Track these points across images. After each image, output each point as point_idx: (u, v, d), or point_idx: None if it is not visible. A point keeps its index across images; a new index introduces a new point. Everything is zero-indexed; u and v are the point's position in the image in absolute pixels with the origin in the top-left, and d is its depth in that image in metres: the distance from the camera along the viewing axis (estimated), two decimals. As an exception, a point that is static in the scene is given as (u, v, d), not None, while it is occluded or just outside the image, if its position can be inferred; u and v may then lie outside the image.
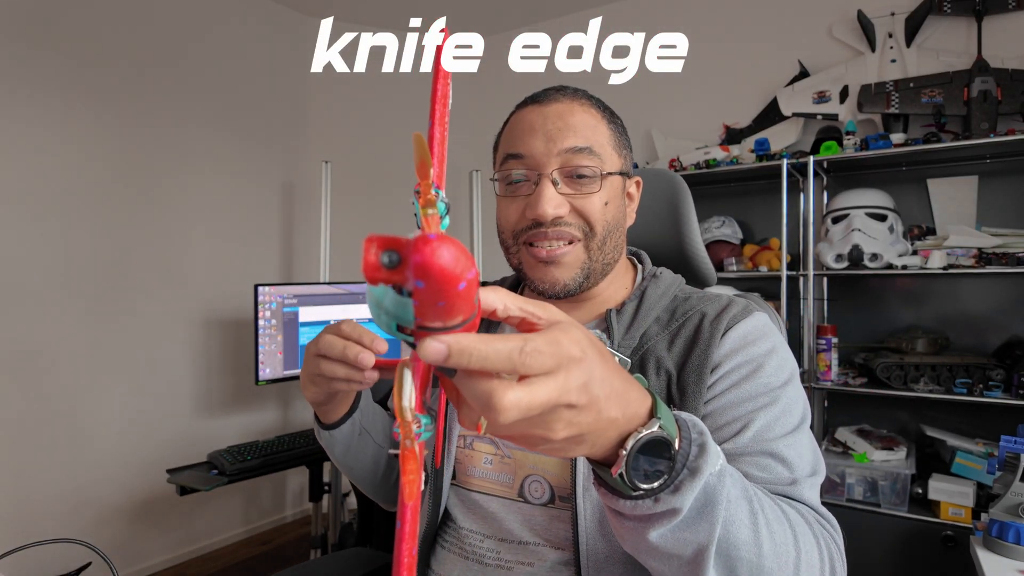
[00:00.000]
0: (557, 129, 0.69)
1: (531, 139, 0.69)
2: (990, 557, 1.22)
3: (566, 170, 0.68)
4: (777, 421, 0.61)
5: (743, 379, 0.64)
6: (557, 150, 0.68)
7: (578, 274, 0.70)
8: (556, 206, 0.67)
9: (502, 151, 0.73)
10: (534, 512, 0.67)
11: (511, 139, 0.72)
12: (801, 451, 0.61)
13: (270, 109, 2.85)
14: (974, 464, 1.78)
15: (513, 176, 0.71)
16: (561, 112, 0.70)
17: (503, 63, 3.43)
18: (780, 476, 0.59)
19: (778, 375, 0.64)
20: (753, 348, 0.66)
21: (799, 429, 0.63)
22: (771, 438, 0.60)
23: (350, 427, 0.76)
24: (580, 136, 0.69)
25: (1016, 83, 1.94)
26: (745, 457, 0.59)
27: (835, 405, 2.26)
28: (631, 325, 0.71)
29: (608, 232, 0.71)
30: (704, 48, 2.63)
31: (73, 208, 2.17)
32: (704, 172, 2.30)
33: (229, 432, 2.63)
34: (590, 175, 0.69)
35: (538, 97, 0.73)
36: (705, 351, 0.65)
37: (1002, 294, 2.05)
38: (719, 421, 0.62)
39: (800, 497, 0.58)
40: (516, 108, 0.75)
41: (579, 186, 0.69)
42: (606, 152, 0.71)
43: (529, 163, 0.69)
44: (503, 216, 0.73)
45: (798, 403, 0.64)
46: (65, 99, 2.14)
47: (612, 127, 0.73)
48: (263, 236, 2.83)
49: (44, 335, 2.09)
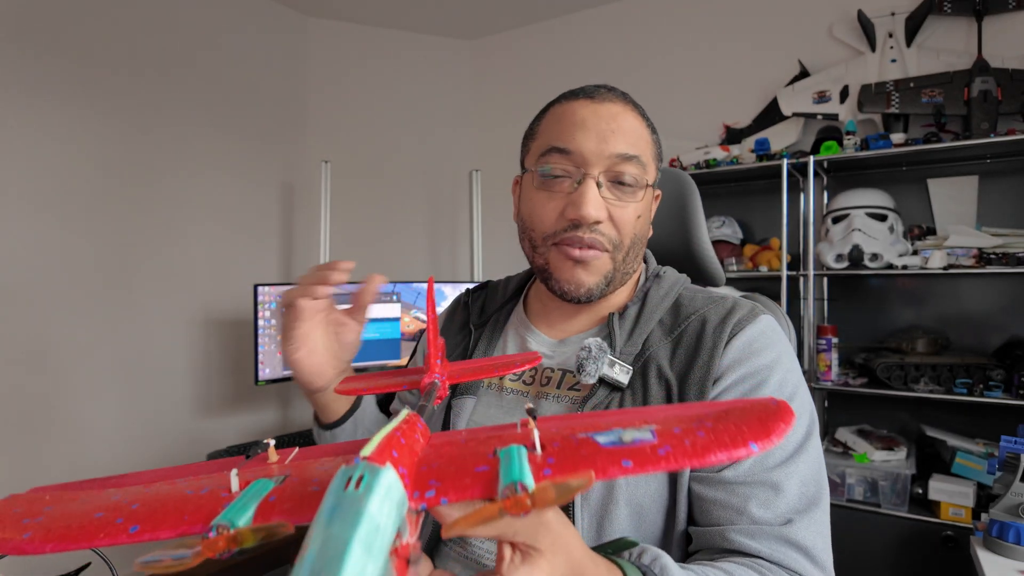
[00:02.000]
0: (611, 131, 0.66)
1: (581, 135, 0.66)
2: (990, 557, 1.23)
3: (611, 175, 0.66)
4: (778, 444, 0.61)
5: (745, 395, 0.63)
6: (608, 152, 0.65)
7: (601, 281, 0.69)
8: (598, 209, 0.65)
9: (543, 142, 0.69)
10: None
11: (558, 131, 0.68)
12: (803, 476, 0.60)
13: (270, 109, 2.85)
14: (974, 464, 1.78)
15: (554, 171, 0.67)
16: (615, 114, 0.67)
17: (502, 63, 3.44)
18: (776, 513, 0.59)
19: (780, 391, 0.64)
20: (757, 359, 0.65)
21: (802, 449, 0.62)
22: (770, 465, 0.60)
23: (352, 426, 0.75)
24: (630, 143, 0.66)
25: (1016, 83, 1.94)
26: (746, 487, 0.59)
27: (835, 405, 2.26)
28: (633, 330, 0.70)
29: (633, 244, 0.70)
30: (704, 48, 2.63)
31: (72, 208, 2.17)
32: (704, 172, 2.30)
33: (229, 432, 2.62)
34: (632, 184, 0.67)
35: (590, 92, 0.69)
36: (708, 362, 0.64)
37: (1002, 294, 2.05)
38: None
39: (795, 539, 0.58)
40: (562, 99, 0.71)
41: (620, 193, 0.67)
42: (649, 163, 0.69)
43: (576, 160, 0.66)
44: (538, 212, 0.69)
45: (802, 419, 0.64)
46: (64, 99, 2.14)
47: (653, 137, 0.72)
48: (263, 236, 2.83)
49: (44, 335, 2.09)
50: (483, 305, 0.86)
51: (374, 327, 2.45)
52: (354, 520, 0.26)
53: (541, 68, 3.05)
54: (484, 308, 0.85)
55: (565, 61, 2.97)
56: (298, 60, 2.96)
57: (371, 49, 3.07)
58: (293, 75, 2.95)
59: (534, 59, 3.07)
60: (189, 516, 0.34)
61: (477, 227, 2.85)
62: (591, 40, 2.91)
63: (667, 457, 0.31)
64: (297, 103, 2.98)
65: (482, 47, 3.22)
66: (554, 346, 0.75)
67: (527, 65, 3.10)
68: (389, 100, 3.09)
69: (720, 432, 0.32)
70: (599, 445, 0.32)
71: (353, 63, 3.06)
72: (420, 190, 3.15)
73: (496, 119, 3.10)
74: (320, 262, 2.68)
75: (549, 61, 3.02)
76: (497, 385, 0.75)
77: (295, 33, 2.95)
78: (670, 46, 2.71)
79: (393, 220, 3.10)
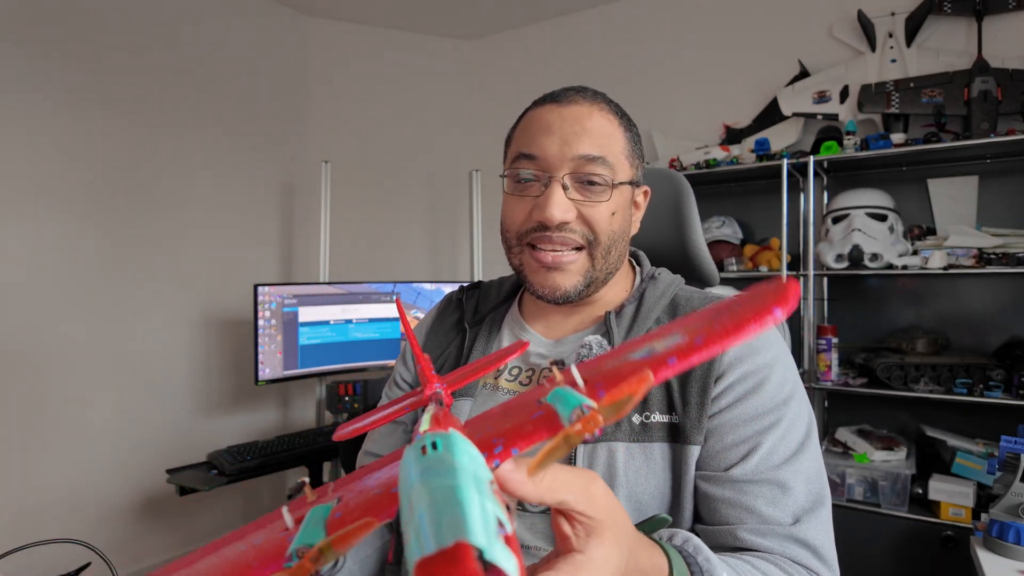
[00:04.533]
0: (573, 133, 0.67)
1: (545, 140, 0.67)
2: (990, 557, 1.22)
3: (577, 176, 0.67)
4: (782, 442, 0.62)
5: (748, 393, 0.64)
6: (571, 155, 0.66)
7: (580, 282, 0.70)
8: (564, 211, 0.66)
9: (514, 148, 0.72)
10: (535, 520, 0.67)
11: (525, 138, 0.70)
12: (808, 474, 0.62)
13: (270, 109, 2.85)
14: (974, 464, 1.78)
15: (522, 175, 0.69)
16: (579, 115, 0.68)
17: (502, 63, 3.44)
18: (785, 512, 0.60)
19: (782, 389, 0.64)
20: (757, 357, 0.65)
21: (804, 447, 0.63)
22: (777, 463, 0.61)
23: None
24: (595, 143, 0.67)
25: (1016, 83, 1.94)
26: (753, 486, 0.60)
27: (835, 405, 2.26)
28: (630, 328, 0.70)
29: (613, 242, 0.70)
30: (704, 48, 2.63)
31: (73, 208, 2.17)
32: (704, 172, 2.30)
33: (229, 432, 2.62)
34: (601, 183, 0.68)
35: (556, 96, 0.71)
36: (708, 362, 0.65)
37: (1002, 294, 2.05)
38: (725, 441, 0.63)
39: (803, 537, 0.59)
40: (533, 105, 0.73)
41: (589, 193, 0.68)
42: (619, 161, 0.70)
43: (541, 164, 0.68)
44: (509, 215, 0.72)
45: (802, 417, 0.65)
46: (64, 99, 2.14)
47: (628, 135, 0.72)
48: (263, 236, 2.83)
49: (44, 335, 2.09)
50: (476, 305, 0.86)
51: (374, 327, 2.45)
52: (451, 470, 0.25)
53: (541, 68, 3.05)
54: (478, 308, 0.85)
55: (565, 61, 2.97)
56: (298, 60, 2.96)
57: (371, 49, 3.07)
58: (293, 75, 2.95)
59: (534, 59, 3.07)
60: (258, 563, 0.32)
61: (477, 227, 2.85)
62: (591, 40, 2.91)
63: (705, 344, 0.31)
64: (297, 103, 2.98)
65: (482, 47, 3.22)
66: (550, 346, 0.75)
67: (527, 65, 3.10)
68: (389, 100, 3.09)
69: (741, 314, 0.32)
70: (637, 361, 0.33)
71: (353, 63, 3.06)
72: (420, 190, 3.15)
73: (496, 119, 3.09)
74: (320, 262, 2.68)
75: (549, 61, 3.02)
76: (492, 385, 0.75)
77: (295, 33, 2.95)
78: (670, 46, 2.71)
79: (393, 220, 3.10)
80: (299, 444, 2.08)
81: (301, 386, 2.92)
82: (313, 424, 2.75)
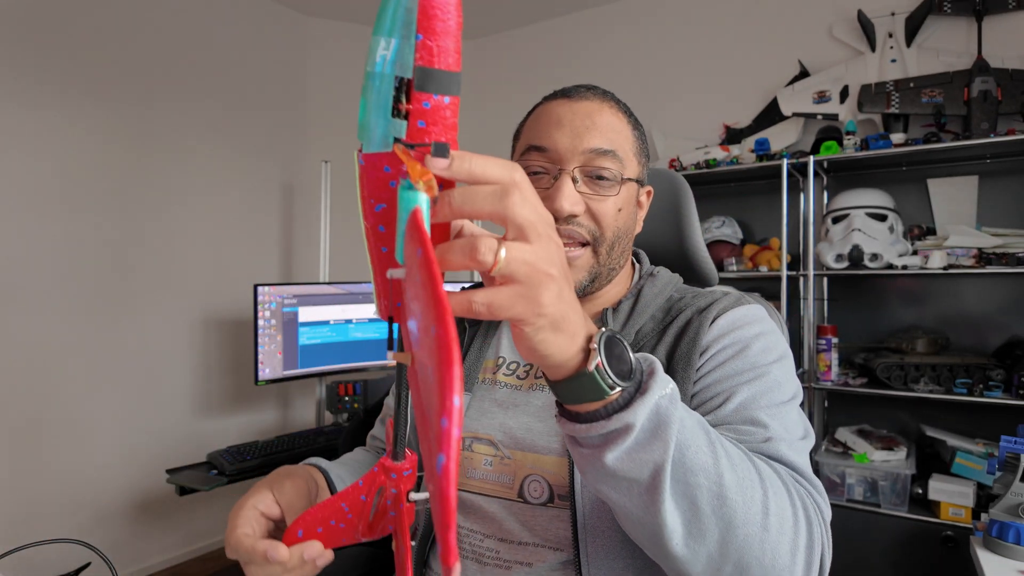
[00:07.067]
0: (584, 127, 0.68)
1: (556, 133, 0.68)
2: (990, 557, 1.22)
3: (587, 169, 0.68)
4: (763, 395, 0.61)
5: (730, 358, 0.64)
6: (582, 148, 0.67)
7: (584, 277, 0.71)
8: (573, 203, 0.67)
9: (524, 142, 0.72)
10: (534, 513, 0.67)
11: (536, 131, 0.71)
12: (787, 422, 0.60)
13: (270, 109, 2.85)
14: (974, 464, 1.78)
15: (533, 168, 0.69)
16: (590, 110, 0.69)
17: (500, 63, 3.44)
18: (755, 436, 0.57)
19: (766, 355, 0.64)
20: (742, 331, 0.66)
21: (787, 404, 0.62)
22: (754, 408, 0.60)
23: None
24: (606, 138, 0.68)
25: (1016, 83, 1.94)
26: (725, 426, 0.59)
27: (835, 405, 2.26)
28: (626, 323, 0.71)
29: (617, 238, 0.71)
30: (704, 48, 2.63)
31: (73, 208, 2.17)
32: (704, 172, 2.30)
33: (229, 432, 2.63)
34: (610, 178, 0.68)
35: (568, 92, 0.72)
36: (694, 338, 0.66)
37: (1002, 294, 2.05)
38: (704, 396, 0.62)
39: (776, 453, 0.56)
40: (543, 100, 0.74)
41: (598, 187, 0.69)
42: (628, 157, 0.70)
43: (551, 157, 0.68)
44: None
45: (788, 382, 0.64)
46: (64, 99, 2.14)
47: (636, 133, 0.73)
48: (263, 236, 2.83)
49: (44, 335, 2.09)
50: None
51: (374, 327, 2.45)
52: None
53: (541, 68, 3.05)
54: None
55: (565, 61, 2.97)
56: (298, 60, 2.96)
57: (371, 49, 3.07)
58: (293, 75, 2.95)
59: (534, 59, 3.07)
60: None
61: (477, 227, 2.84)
62: (591, 40, 2.91)
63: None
64: (297, 103, 2.98)
65: (482, 47, 3.22)
66: None
67: (527, 65, 3.10)
68: (389, 100, 3.09)
69: None
70: None
71: (353, 63, 3.06)
72: (420, 190, 3.15)
73: (496, 119, 3.10)
74: (320, 262, 2.68)
75: (549, 61, 3.02)
76: (491, 380, 0.76)
77: (295, 33, 2.95)
78: (670, 46, 2.71)
79: (393, 220, 3.10)
80: (299, 444, 2.08)
81: (301, 386, 2.92)
82: (313, 424, 2.75)
